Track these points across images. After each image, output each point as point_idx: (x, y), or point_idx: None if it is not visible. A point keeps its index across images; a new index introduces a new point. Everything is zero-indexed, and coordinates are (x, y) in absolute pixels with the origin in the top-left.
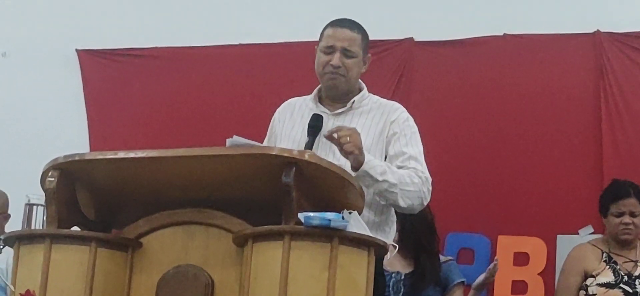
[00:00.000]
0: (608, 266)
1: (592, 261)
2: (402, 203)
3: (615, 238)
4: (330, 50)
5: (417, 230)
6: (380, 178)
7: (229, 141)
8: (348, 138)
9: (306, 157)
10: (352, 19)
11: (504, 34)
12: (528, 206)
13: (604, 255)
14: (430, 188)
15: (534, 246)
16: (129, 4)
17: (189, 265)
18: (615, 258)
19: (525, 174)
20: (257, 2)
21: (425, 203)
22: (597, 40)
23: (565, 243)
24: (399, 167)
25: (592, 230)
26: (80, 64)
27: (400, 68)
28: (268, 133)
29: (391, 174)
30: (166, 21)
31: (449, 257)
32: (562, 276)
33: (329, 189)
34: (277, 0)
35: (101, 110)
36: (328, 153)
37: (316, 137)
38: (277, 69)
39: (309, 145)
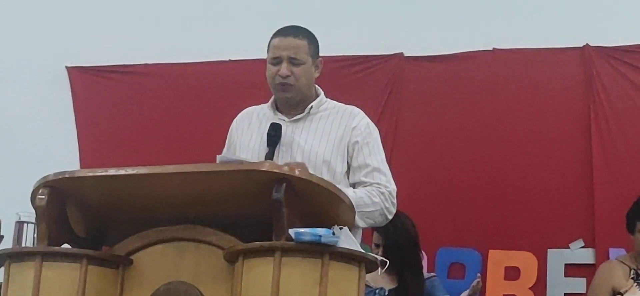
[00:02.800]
0: (636, 284)
1: (620, 278)
2: (362, 224)
3: None
4: (277, 60)
5: (401, 246)
6: None
7: (219, 157)
8: (296, 171)
9: (296, 173)
10: (298, 25)
11: (493, 48)
12: (518, 220)
13: (632, 271)
14: (395, 200)
15: (524, 260)
16: (118, 21)
17: (180, 281)
18: None
19: (515, 188)
20: (247, 18)
21: (390, 217)
22: (586, 54)
23: (556, 257)
24: (363, 181)
25: (582, 244)
26: (70, 81)
27: (390, 83)
28: (226, 144)
29: None
30: (155, 38)
31: (432, 274)
32: (591, 294)
33: (320, 205)
34: (266, 16)
35: (91, 127)
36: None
37: (276, 146)
38: (267, 83)
39: (270, 156)
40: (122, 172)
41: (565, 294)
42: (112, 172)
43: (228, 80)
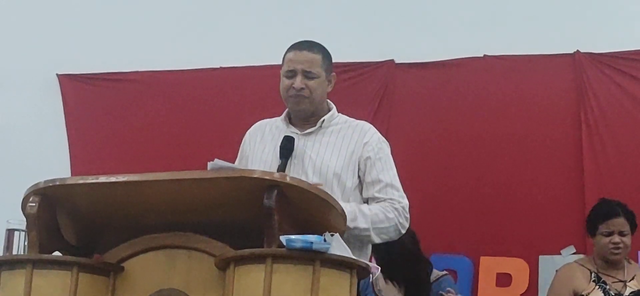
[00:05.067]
0: (598, 286)
1: (581, 281)
2: (377, 240)
3: (603, 258)
4: (291, 73)
5: (398, 264)
6: (351, 225)
7: (210, 164)
8: (287, 178)
9: (287, 179)
10: (313, 40)
11: (484, 55)
12: (510, 227)
13: (593, 274)
14: (408, 215)
15: (516, 267)
16: (109, 28)
17: (171, 289)
18: (604, 278)
19: (507, 195)
20: (237, 26)
21: (403, 231)
22: (577, 60)
23: (548, 264)
24: (376, 197)
25: (574, 251)
26: (61, 88)
27: (382, 90)
28: (239, 155)
29: (362, 218)
30: (146, 46)
31: (443, 273)
32: None
33: (311, 211)
34: (257, 24)
35: (82, 135)
36: (301, 175)
37: (288, 158)
38: (257, 91)
39: (282, 167)
40: (113, 179)
41: None
42: (103, 179)
43: (219, 87)
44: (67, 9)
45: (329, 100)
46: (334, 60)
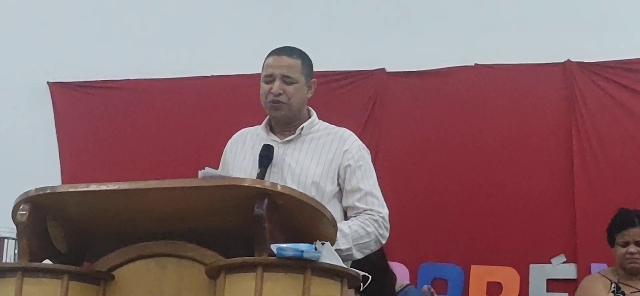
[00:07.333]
0: None
1: (601, 291)
2: (359, 256)
3: (623, 268)
4: (270, 78)
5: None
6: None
7: (201, 172)
8: (278, 186)
9: (278, 188)
10: (293, 46)
11: (475, 64)
12: (501, 235)
13: (613, 285)
14: (388, 225)
15: (506, 275)
16: (99, 36)
17: None
18: (623, 288)
19: (497, 204)
20: (228, 34)
21: (384, 241)
22: (567, 69)
23: (538, 273)
24: (356, 206)
25: (564, 259)
26: (51, 96)
27: (373, 98)
28: (220, 165)
29: (343, 239)
30: (137, 54)
31: (407, 282)
32: None
33: (302, 220)
34: (248, 32)
35: (73, 143)
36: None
37: (267, 167)
38: (248, 99)
39: (261, 176)
40: (103, 187)
41: None
42: (93, 187)
43: (210, 95)
44: (57, 17)
45: (309, 107)
46: (325, 69)
